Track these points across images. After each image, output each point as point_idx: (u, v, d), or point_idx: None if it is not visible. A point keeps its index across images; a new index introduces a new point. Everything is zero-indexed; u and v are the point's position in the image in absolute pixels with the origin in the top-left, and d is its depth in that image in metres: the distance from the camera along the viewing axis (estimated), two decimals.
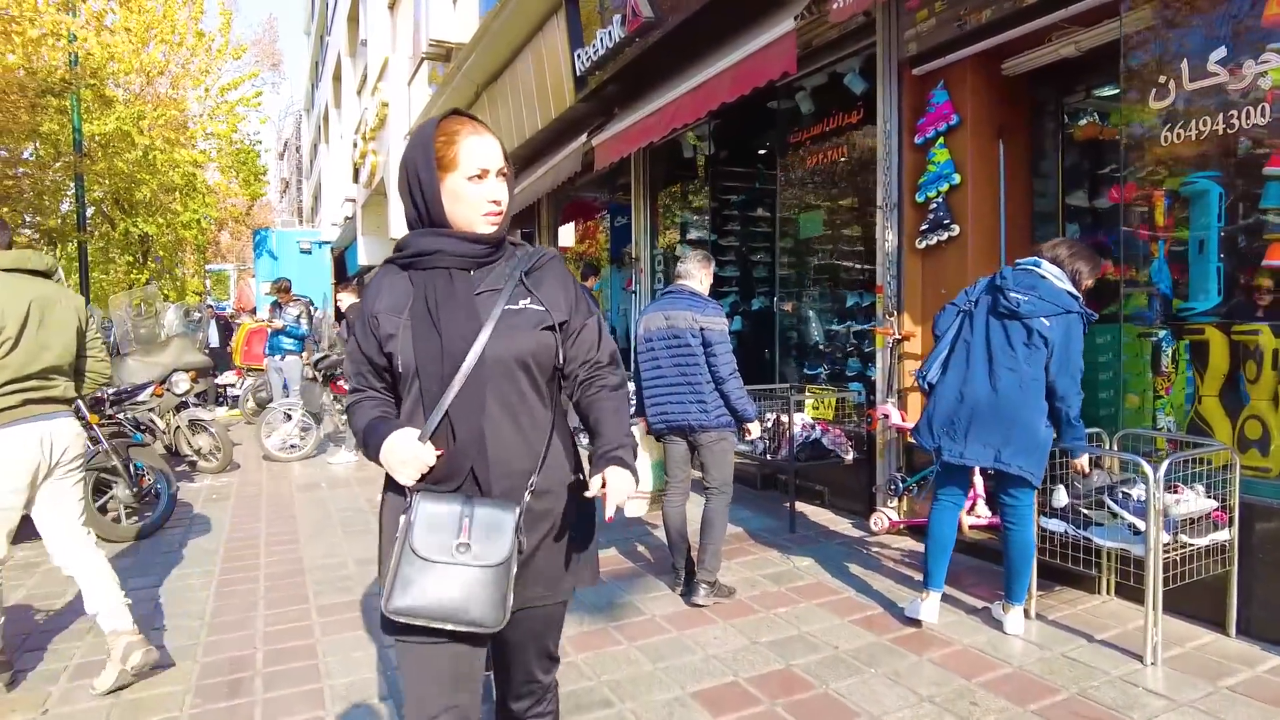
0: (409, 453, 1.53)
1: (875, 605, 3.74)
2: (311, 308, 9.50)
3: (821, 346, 6.24)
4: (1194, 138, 3.53)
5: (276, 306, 9.38)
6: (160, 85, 18.35)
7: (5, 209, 15.41)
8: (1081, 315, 3.16)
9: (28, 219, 16.57)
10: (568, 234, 11.58)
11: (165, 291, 22.64)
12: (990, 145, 4.65)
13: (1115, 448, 3.60)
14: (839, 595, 3.87)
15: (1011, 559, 3.32)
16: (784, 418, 5.17)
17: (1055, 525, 3.45)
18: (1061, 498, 3.41)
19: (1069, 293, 3.19)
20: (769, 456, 5.20)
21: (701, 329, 3.79)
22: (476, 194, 1.62)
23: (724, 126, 7.24)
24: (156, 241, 19.81)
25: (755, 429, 3.95)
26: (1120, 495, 3.26)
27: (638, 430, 4.00)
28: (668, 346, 3.87)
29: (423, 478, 1.56)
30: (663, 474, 4.09)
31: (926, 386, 3.41)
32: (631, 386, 3.03)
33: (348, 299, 7.92)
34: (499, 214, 1.64)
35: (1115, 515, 3.25)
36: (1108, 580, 3.74)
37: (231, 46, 18.98)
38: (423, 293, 1.59)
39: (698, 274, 4.00)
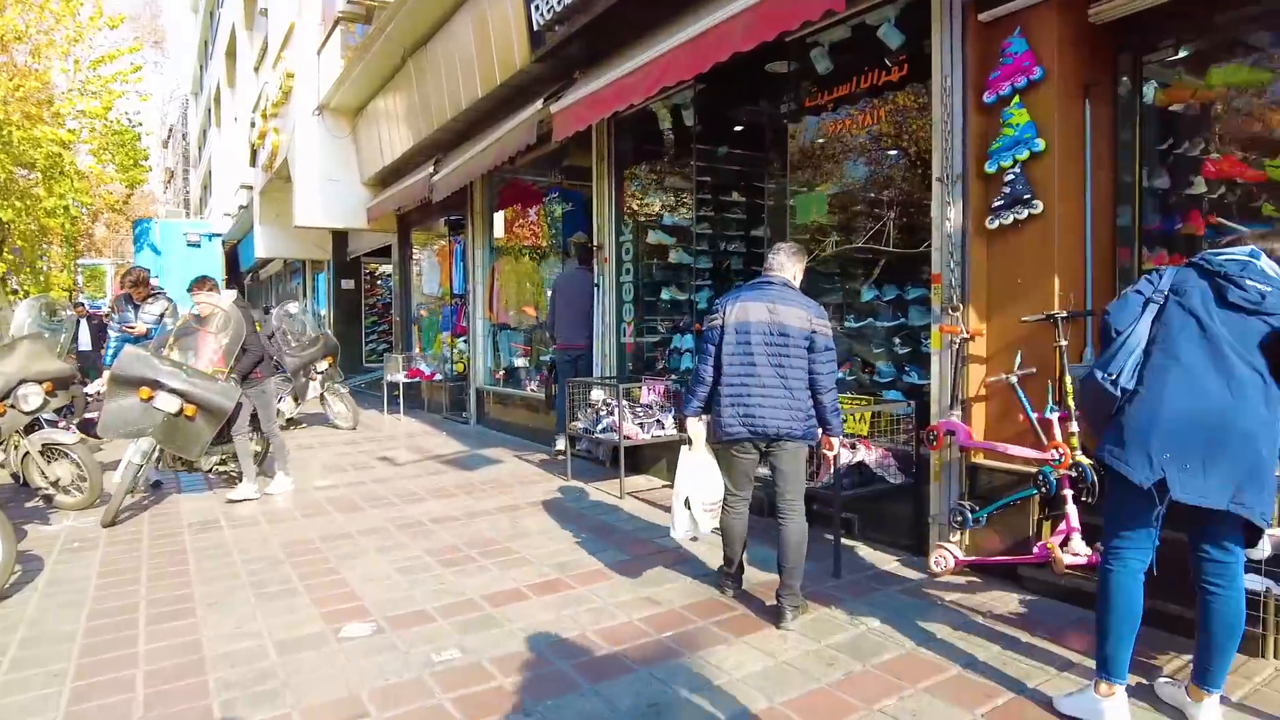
0: None
1: (998, 687, 2.83)
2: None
3: (840, 349, 5.35)
4: None
5: (127, 302, 7.18)
6: (18, 54, 16.10)
7: None
8: None
9: None
10: (504, 221, 10.39)
11: (26, 287, 20.05)
12: (1077, 106, 3.86)
13: None
14: (944, 673, 2.95)
15: (1213, 633, 2.47)
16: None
17: (1256, 583, 2.64)
18: (1265, 548, 2.59)
19: None
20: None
21: (813, 331, 3.50)
22: None
23: (709, 93, 6.28)
24: (14, 230, 17.36)
25: (836, 443, 3.62)
26: None
27: (700, 430, 3.71)
28: (768, 344, 3.48)
29: None
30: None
31: (1119, 392, 2.53)
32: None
33: (212, 300, 5.92)
34: None
35: None
36: (1276, 641, 2.97)
37: (106, 15, 16.88)
38: None
39: (791, 267, 3.71)
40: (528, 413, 8.91)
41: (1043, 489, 3.60)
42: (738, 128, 6.82)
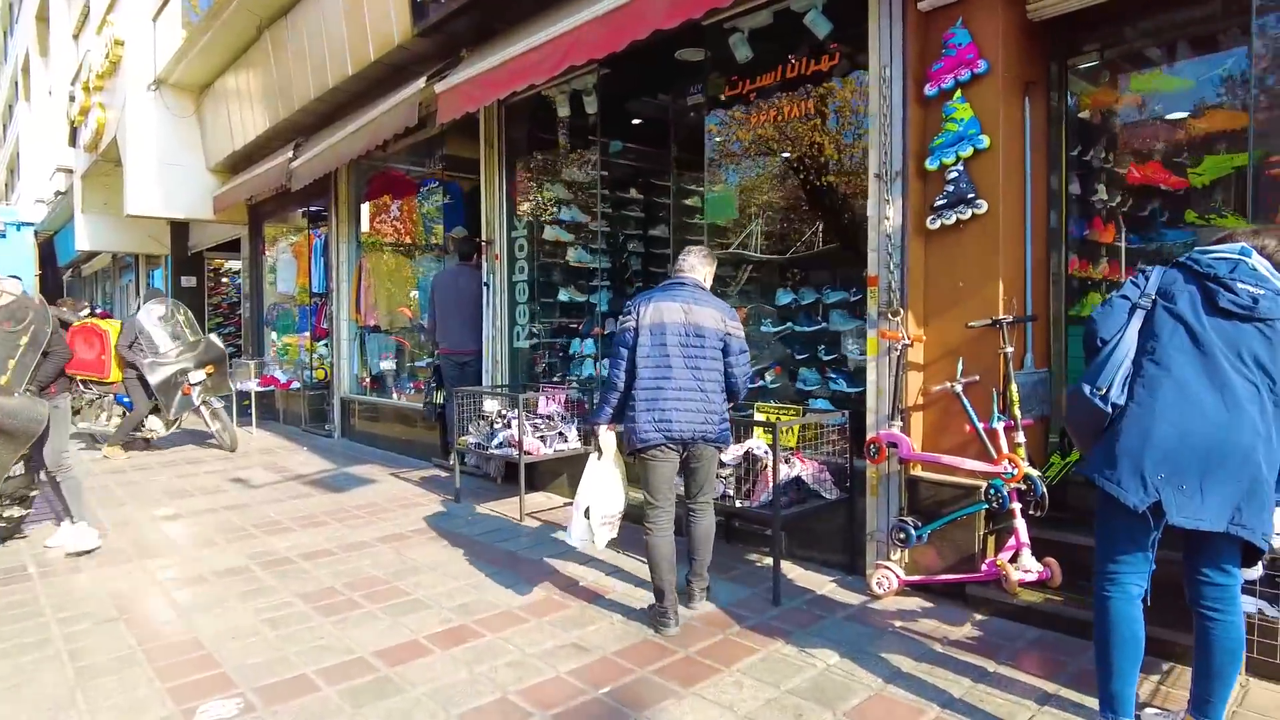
0: None
1: None
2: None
3: (764, 355, 5.05)
4: None
5: None
6: None
7: None
8: None
9: None
10: (372, 214, 9.52)
11: None
12: (1018, 103, 3.71)
13: None
14: (924, 716, 2.65)
15: (1214, 660, 2.29)
16: (755, 449, 3.91)
17: (1249, 605, 2.49)
18: (1260, 569, 2.45)
19: None
20: (739, 504, 3.91)
21: (728, 333, 3.41)
22: None
23: (614, 79, 5.85)
24: None
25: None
26: None
27: (610, 440, 3.54)
28: (684, 345, 3.34)
29: None
30: None
31: (1109, 408, 2.30)
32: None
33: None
34: None
35: None
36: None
37: None
38: None
39: (702, 268, 3.57)
40: (401, 425, 8.14)
41: (994, 503, 3.41)
42: (642, 119, 6.46)
